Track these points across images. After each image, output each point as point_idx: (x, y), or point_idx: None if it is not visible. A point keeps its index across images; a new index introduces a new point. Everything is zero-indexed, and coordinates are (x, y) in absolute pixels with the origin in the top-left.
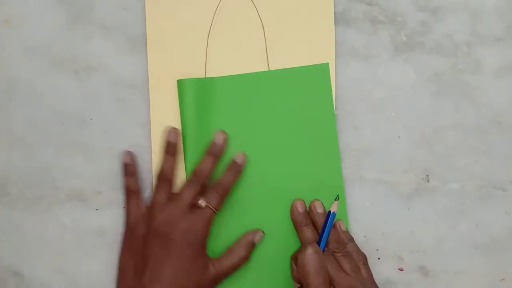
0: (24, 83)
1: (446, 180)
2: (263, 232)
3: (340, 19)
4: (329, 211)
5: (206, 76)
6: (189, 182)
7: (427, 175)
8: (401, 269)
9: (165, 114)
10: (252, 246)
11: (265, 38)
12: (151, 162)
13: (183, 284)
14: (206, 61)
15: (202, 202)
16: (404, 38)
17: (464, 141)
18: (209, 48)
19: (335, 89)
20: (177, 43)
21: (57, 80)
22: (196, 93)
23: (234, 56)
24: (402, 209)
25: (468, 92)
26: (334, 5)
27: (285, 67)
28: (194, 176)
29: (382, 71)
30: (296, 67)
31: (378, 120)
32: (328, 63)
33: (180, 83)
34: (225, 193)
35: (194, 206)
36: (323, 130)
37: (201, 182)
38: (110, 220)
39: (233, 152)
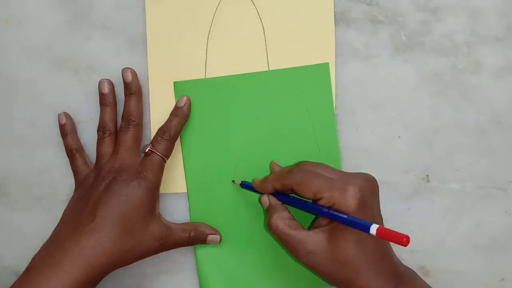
0: (24, 83)
1: (446, 180)
2: (220, 238)
3: (340, 19)
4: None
5: (206, 76)
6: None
7: (427, 175)
8: None
9: (165, 114)
10: (202, 241)
11: (265, 38)
12: None
13: (127, 227)
14: (206, 61)
15: (147, 149)
16: (404, 38)
17: (464, 141)
18: (209, 48)
19: (335, 89)
20: (177, 43)
21: (57, 80)
22: (193, 94)
23: (234, 56)
24: (402, 209)
25: (468, 92)
26: (334, 5)
27: (285, 67)
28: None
29: (382, 71)
30: (296, 67)
31: (378, 120)
32: (328, 63)
33: (177, 85)
34: (170, 138)
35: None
36: (323, 130)
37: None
38: None
39: (234, 152)
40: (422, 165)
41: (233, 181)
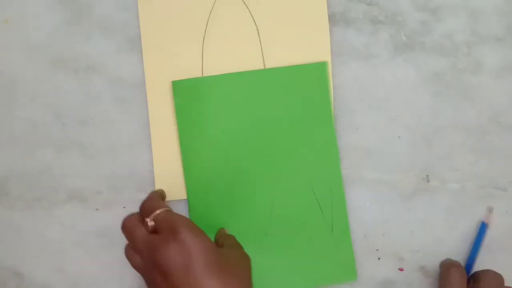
0: (24, 83)
1: (446, 180)
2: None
3: (340, 19)
4: (482, 222)
5: (203, 76)
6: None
7: (427, 175)
8: (401, 269)
9: (164, 114)
10: None
11: (259, 38)
12: (151, 162)
13: None
14: (202, 61)
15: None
16: (404, 38)
17: (464, 141)
18: (205, 48)
19: (332, 88)
20: (173, 43)
21: (57, 80)
22: (191, 93)
23: (230, 56)
24: (402, 209)
25: (468, 92)
26: (330, 4)
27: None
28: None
29: (382, 71)
30: (294, 66)
31: (378, 120)
32: (326, 61)
33: (176, 84)
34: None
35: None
36: (321, 129)
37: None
38: (110, 220)
39: (231, 151)
40: (422, 165)
41: None
